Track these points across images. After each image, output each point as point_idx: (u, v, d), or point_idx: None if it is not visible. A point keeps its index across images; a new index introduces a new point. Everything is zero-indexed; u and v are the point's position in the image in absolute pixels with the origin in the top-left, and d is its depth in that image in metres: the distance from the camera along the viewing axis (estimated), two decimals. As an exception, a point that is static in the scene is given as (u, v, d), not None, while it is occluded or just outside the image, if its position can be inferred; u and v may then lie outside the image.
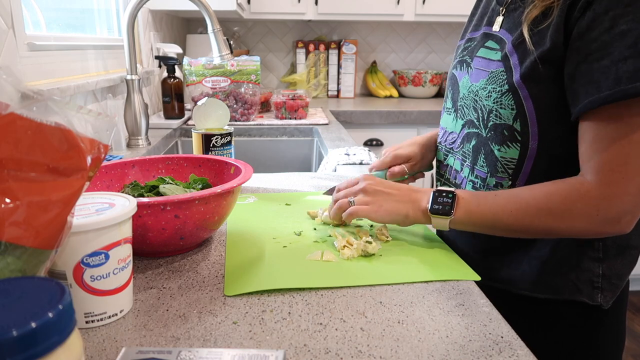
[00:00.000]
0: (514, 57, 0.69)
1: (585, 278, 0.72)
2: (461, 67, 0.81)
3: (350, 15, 2.55)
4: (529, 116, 0.68)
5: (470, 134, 0.78)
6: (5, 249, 0.37)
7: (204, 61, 1.82)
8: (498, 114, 0.71)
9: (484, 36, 0.77)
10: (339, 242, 0.69)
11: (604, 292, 0.73)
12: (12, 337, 0.28)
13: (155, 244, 0.64)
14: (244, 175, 0.71)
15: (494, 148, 0.73)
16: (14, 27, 1.00)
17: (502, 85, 0.70)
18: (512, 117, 0.70)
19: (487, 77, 0.72)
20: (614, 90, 0.58)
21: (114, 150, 1.34)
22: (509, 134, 0.71)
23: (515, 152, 0.71)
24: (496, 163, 0.73)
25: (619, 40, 0.58)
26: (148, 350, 0.39)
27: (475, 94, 0.75)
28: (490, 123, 0.73)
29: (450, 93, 0.85)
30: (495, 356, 0.47)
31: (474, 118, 0.76)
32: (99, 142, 0.43)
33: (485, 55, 0.75)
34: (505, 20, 0.74)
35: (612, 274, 0.72)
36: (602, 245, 0.72)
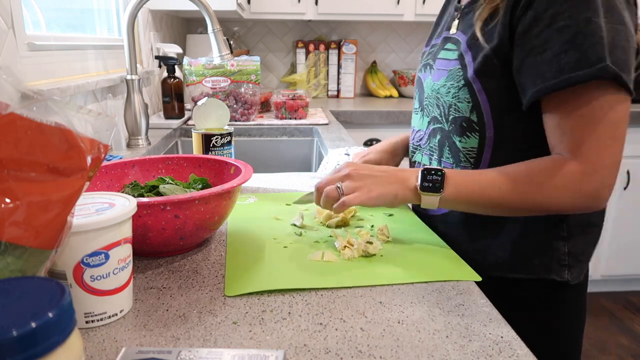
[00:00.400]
0: (468, 55, 0.76)
1: (554, 257, 0.78)
2: (425, 69, 0.88)
3: (350, 15, 2.55)
4: (484, 107, 0.75)
5: (435, 130, 0.84)
6: (5, 249, 0.37)
7: (204, 61, 1.82)
8: (457, 107, 0.78)
9: (444, 40, 0.84)
10: (339, 242, 0.69)
11: (571, 269, 0.78)
12: (12, 337, 0.28)
13: (155, 244, 0.64)
14: (244, 175, 0.71)
15: (456, 140, 0.80)
16: (14, 27, 1.00)
17: (459, 81, 0.76)
18: (468, 110, 0.76)
19: (447, 75, 0.79)
20: (559, 79, 0.64)
21: (114, 150, 1.34)
22: (467, 125, 0.77)
23: (475, 141, 0.77)
24: (459, 153, 0.80)
25: (558, 35, 0.64)
26: (148, 350, 0.40)
27: (437, 91, 0.82)
28: (450, 117, 0.80)
29: (417, 94, 0.92)
30: (495, 356, 0.47)
31: (437, 114, 0.83)
32: (99, 142, 0.43)
33: (444, 56, 0.81)
34: (460, 23, 0.81)
35: (577, 251, 0.78)
36: (567, 225, 0.77)
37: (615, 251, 2.54)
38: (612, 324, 2.40)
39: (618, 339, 2.28)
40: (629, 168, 2.43)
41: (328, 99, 2.76)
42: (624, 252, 2.55)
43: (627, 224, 2.51)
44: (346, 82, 2.82)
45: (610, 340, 2.27)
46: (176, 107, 1.80)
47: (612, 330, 2.35)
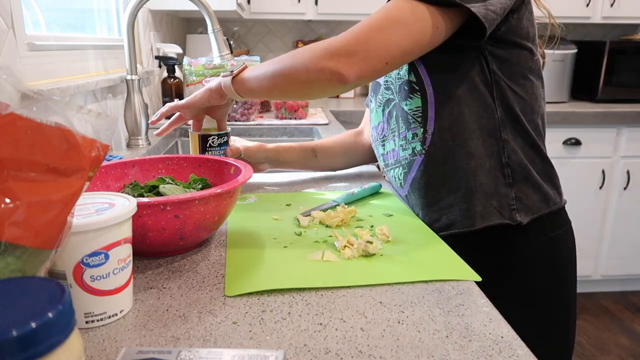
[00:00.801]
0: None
1: (504, 203, 0.82)
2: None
3: (350, 15, 2.55)
4: (419, 67, 0.81)
5: (391, 111, 0.90)
6: (5, 249, 0.37)
7: (204, 61, 1.82)
8: (398, 75, 0.85)
9: None
10: (339, 242, 0.69)
11: (519, 212, 0.82)
12: (12, 337, 0.28)
13: (155, 244, 0.64)
14: (244, 175, 0.71)
15: (403, 105, 0.85)
16: (14, 27, 1.00)
17: None
18: (407, 72, 0.82)
19: None
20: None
21: (114, 150, 1.34)
22: (409, 88, 0.83)
23: (418, 101, 0.82)
24: (407, 117, 0.85)
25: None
26: (148, 350, 0.40)
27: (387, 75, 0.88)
28: (397, 86, 0.86)
29: (373, 96, 0.97)
30: (495, 356, 0.47)
31: (389, 95, 0.90)
32: (99, 142, 0.43)
33: None
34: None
35: (523, 195, 0.82)
36: (510, 171, 0.81)
37: (615, 251, 2.54)
38: (612, 324, 2.40)
39: (618, 339, 2.28)
40: (629, 168, 2.44)
41: (328, 99, 2.76)
42: (624, 252, 2.55)
43: (627, 224, 2.51)
44: (346, 82, 2.82)
45: (610, 340, 2.27)
46: (176, 107, 1.80)
47: (612, 330, 2.35)
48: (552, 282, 0.86)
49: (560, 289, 0.87)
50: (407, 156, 0.87)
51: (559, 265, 0.86)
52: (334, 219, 0.79)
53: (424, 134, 0.83)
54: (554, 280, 0.86)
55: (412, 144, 0.85)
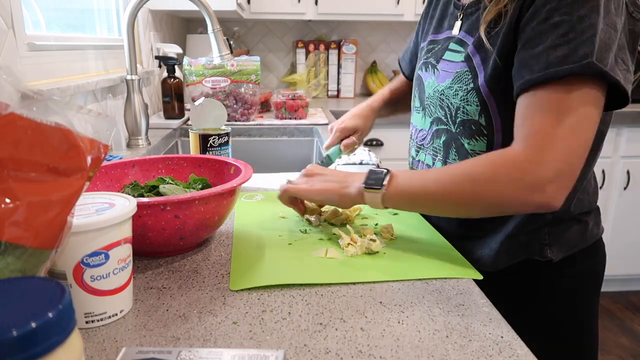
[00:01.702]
0: (476, 57, 0.75)
1: (535, 237, 0.78)
2: (426, 68, 0.86)
3: (350, 15, 2.55)
4: (492, 111, 0.74)
5: (440, 131, 0.83)
6: (5, 249, 0.37)
7: (204, 61, 1.82)
8: (465, 110, 0.77)
9: (447, 40, 0.83)
10: (343, 240, 0.70)
11: (552, 247, 0.78)
12: (12, 337, 0.28)
13: (155, 244, 0.64)
14: (244, 175, 0.71)
15: (464, 142, 0.79)
16: (14, 27, 1.00)
17: (468, 84, 0.75)
18: (477, 113, 0.75)
19: (453, 77, 0.78)
20: (544, 72, 0.63)
21: (114, 150, 1.34)
22: (476, 129, 0.77)
23: (483, 144, 0.77)
24: (467, 155, 0.79)
25: (552, 29, 0.64)
26: (148, 350, 0.40)
27: (442, 93, 0.80)
28: (458, 119, 0.79)
29: (417, 93, 0.90)
30: (495, 356, 0.47)
31: (441, 115, 0.82)
32: (99, 142, 0.43)
33: (450, 57, 0.80)
34: (464, 23, 0.80)
35: (558, 232, 0.78)
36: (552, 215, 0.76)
37: (615, 251, 2.54)
38: (612, 324, 2.40)
39: (618, 339, 2.28)
40: (629, 168, 2.43)
41: (328, 99, 2.76)
42: (624, 252, 2.55)
43: (627, 224, 2.51)
44: (346, 82, 2.82)
45: (610, 340, 2.27)
46: (176, 107, 1.80)
47: (612, 330, 2.35)
48: (576, 307, 0.83)
49: (584, 313, 0.84)
50: None
51: (586, 292, 0.83)
52: (339, 216, 0.80)
53: None
54: (579, 305, 0.83)
55: None
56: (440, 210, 0.70)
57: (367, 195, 0.69)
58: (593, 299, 0.85)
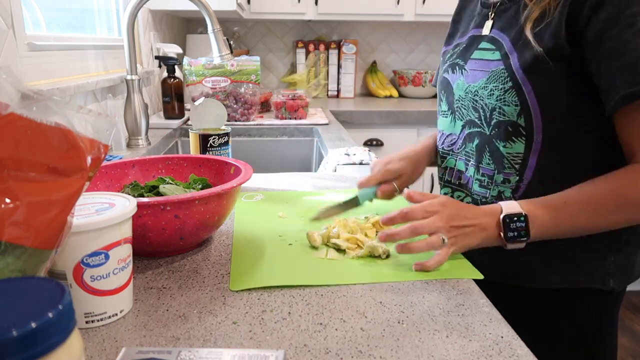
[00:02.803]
0: (514, 55, 0.71)
1: (599, 265, 0.74)
2: (453, 70, 0.83)
3: (350, 15, 2.55)
4: (533, 111, 0.70)
5: (472, 134, 0.79)
6: (5, 249, 0.37)
7: (204, 61, 1.82)
8: (502, 111, 0.73)
9: (474, 39, 0.80)
10: (342, 242, 0.70)
11: (614, 277, 0.75)
12: (12, 337, 0.28)
13: (155, 244, 0.64)
14: (244, 175, 0.71)
15: (499, 145, 0.75)
16: (14, 27, 1.00)
17: (505, 83, 0.72)
18: (516, 113, 0.72)
19: (488, 77, 0.74)
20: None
21: (114, 150, 1.34)
22: (513, 130, 0.73)
23: (521, 146, 0.73)
24: (502, 159, 0.75)
25: (638, 37, 0.61)
26: (148, 350, 0.40)
27: (475, 94, 0.77)
28: (493, 121, 0.75)
29: (444, 97, 0.87)
30: (495, 356, 0.47)
31: (474, 118, 0.78)
32: (99, 142, 0.43)
33: (481, 56, 0.77)
34: (496, 22, 0.77)
35: (623, 259, 0.75)
36: (617, 233, 0.71)
37: (615, 251, 2.54)
38: (612, 324, 2.40)
39: (618, 339, 2.28)
40: (629, 168, 2.43)
41: (328, 99, 2.76)
42: (624, 252, 2.55)
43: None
44: (346, 82, 2.82)
45: (610, 340, 2.26)
46: (176, 107, 1.80)
47: (612, 330, 2.35)
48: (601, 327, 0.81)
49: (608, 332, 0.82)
50: (488, 196, 0.78)
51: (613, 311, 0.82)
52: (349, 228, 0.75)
53: (518, 183, 0.74)
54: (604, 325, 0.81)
55: (499, 188, 0.77)
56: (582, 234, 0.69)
57: (510, 246, 0.67)
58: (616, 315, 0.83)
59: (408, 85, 2.78)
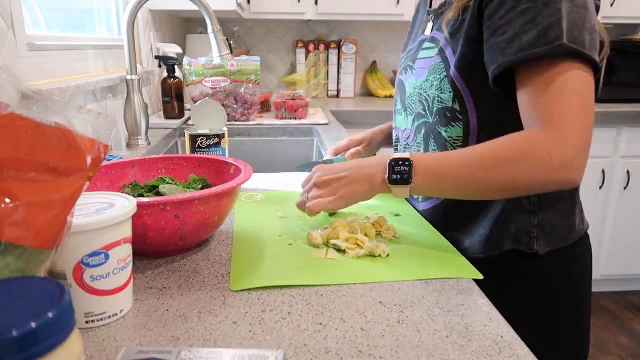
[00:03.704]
0: (448, 49, 0.79)
1: (524, 229, 0.79)
2: (406, 72, 0.92)
3: (350, 15, 2.55)
4: (465, 96, 0.77)
5: (420, 125, 0.87)
6: (5, 249, 0.37)
7: (204, 61, 1.82)
8: (440, 99, 0.80)
9: (420, 43, 0.88)
10: (342, 242, 0.70)
11: (539, 241, 0.79)
12: (12, 337, 0.28)
13: (155, 244, 0.64)
14: (244, 175, 0.71)
15: (441, 130, 0.82)
16: (14, 27, 1.00)
17: (441, 74, 0.79)
18: (451, 99, 0.79)
19: (428, 71, 0.82)
20: (518, 55, 0.67)
21: (114, 150, 1.34)
22: (451, 115, 0.80)
23: (460, 130, 0.80)
24: (445, 144, 0.82)
25: (520, 16, 0.68)
26: (148, 350, 0.40)
27: (420, 88, 0.84)
28: (434, 109, 0.82)
29: (398, 96, 0.95)
30: (495, 356, 0.47)
31: (420, 110, 0.86)
32: (99, 142, 0.43)
33: (424, 55, 0.85)
34: (435, 24, 0.86)
35: (546, 223, 0.79)
36: (536, 198, 0.79)
37: (615, 251, 2.54)
38: (612, 324, 2.40)
39: (618, 339, 2.28)
40: (628, 168, 2.43)
41: (328, 99, 2.76)
42: (624, 252, 2.55)
43: (627, 224, 2.51)
44: (346, 82, 2.82)
45: (610, 340, 2.27)
46: (176, 107, 1.80)
47: (612, 330, 2.35)
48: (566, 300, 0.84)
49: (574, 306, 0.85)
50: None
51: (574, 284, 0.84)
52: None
53: None
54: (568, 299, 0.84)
55: None
56: (468, 195, 0.73)
57: (394, 190, 0.71)
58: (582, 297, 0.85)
59: (408, 85, 2.78)
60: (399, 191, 0.71)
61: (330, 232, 0.72)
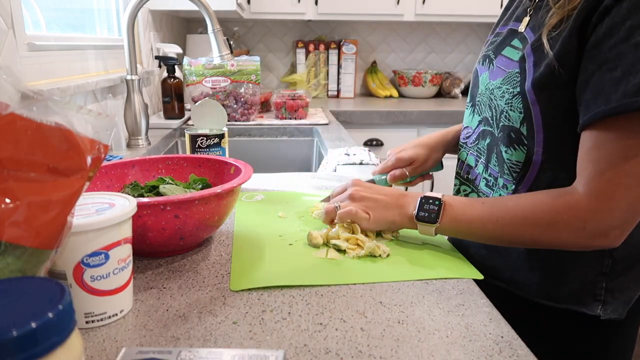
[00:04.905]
0: (530, 59, 0.68)
1: (588, 290, 0.72)
2: (484, 62, 0.81)
3: (350, 15, 2.55)
4: (535, 121, 0.68)
5: (486, 132, 0.78)
6: (5, 249, 0.37)
7: (204, 61, 1.82)
8: (508, 115, 0.71)
9: (511, 33, 0.76)
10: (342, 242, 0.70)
11: (605, 305, 0.72)
12: (12, 337, 0.28)
13: (155, 244, 0.64)
14: (244, 175, 0.71)
15: (502, 149, 0.74)
16: (14, 27, 1.00)
17: (515, 87, 0.69)
18: (519, 120, 0.69)
19: (504, 77, 0.72)
20: (619, 103, 0.56)
21: (114, 150, 1.34)
22: (515, 137, 0.71)
23: (521, 155, 0.71)
24: (504, 164, 0.74)
25: (633, 51, 0.56)
26: (148, 350, 0.40)
27: (491, 92, 0.75)
28: (501, 124, 0.73)
29: (471, 88, 0.85)
30: (495, 356, 0.47)
31: (488, 116, 0.77)
32: (99, 142, 0.43)
33: (508, 54, 0.74)
34: (531, 20, 0.73)
35: (616, 288, 0.72)
36: (611, 262, 0.70)
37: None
38: (612, 324, 2.39)
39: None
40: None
41: (328, 99, 2.76)
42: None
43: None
44: (346, 82, 2.82)
45: (610, 340, 2.26)
46: (176, 107, 1.80)
47: (612, 330, 2.34)
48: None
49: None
50: (490, 197, 0.77)
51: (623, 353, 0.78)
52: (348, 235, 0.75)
53: (514, 192, 0.73)
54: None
55: (500, 191, 0.76)
56: (494, 243, 0.70)
57: (420, 227, 0.69)
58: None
59: (408, 85, 2.78)
60: (424, 229, 0.69)
61: (330, 232, 0.72)
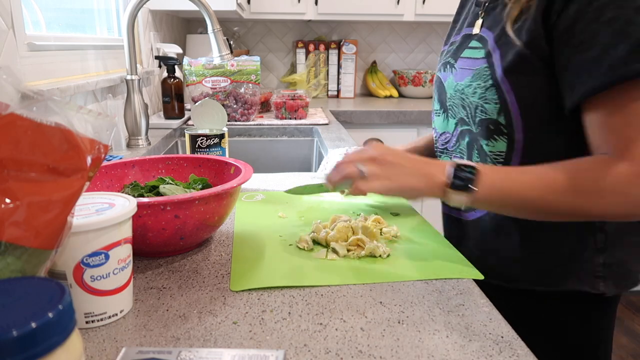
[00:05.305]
0: (496, 53, 0.71)
1: (587, 268, 0.72)
2: (445, 69, 0.84)
3: (350, 15, 2.55)
4: (512, 109, 0.70)
5: (464, 132, 0.80)
6: (5, 249, 0.37)
7: (204, 61, 1.82)
8: (483, 109, 0.73)
9: (466, 38, 0.80)
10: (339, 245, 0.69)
11: (607, 280, 0.72)
12: (12, 337, 0.28)
13: (155, 244, 0.64)
14: (244, 175, 0.71)
15: (483, 143, 0.75)
16: (14, 27, 1.00)
17: (486, 81, 0.72)
18: (496, 111, 0.71)
19: (472, 75, 0.74)
20: (609, 75, 0.58)
21: (114, 150, 1.34)
22: (494, 128, 0.72)
23: (503, 145, 0.73)
24: (486, 158, 0.75)
25: (605, 28, 0.59)
26: (148, 350, 0.40)
27: (462, 92, 0.77)
28: (477, 119, 0.75)
29: (437, 95, 0.87)
30: (495, 356, 0.47)
31: (463, 115, 0.79)
32: (99, 142, 0.43)
33: (469, 55, 0.77)
34: (485, 20, 0.76)
35: (614, 262, 0.72)
36: (603, 237, 0.71)
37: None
38: (612, 324, 2.40)
39: (618, 339, 2.28)
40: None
41: (328, 99, 2.76)
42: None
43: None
44: (346, 82, 2.82)
45: (610, 340, 2.26)
46: (176, 107, 1.80)
47: (612, 330, 2.35)
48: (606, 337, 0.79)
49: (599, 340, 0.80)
50: None
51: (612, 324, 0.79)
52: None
53: None
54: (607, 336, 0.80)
55: None
56: (529, 215, 0.67)
57: (453, 197, 0.65)
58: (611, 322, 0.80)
59: (408, 85, 2.78)
60: (457, 198, 0.64)
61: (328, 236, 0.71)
